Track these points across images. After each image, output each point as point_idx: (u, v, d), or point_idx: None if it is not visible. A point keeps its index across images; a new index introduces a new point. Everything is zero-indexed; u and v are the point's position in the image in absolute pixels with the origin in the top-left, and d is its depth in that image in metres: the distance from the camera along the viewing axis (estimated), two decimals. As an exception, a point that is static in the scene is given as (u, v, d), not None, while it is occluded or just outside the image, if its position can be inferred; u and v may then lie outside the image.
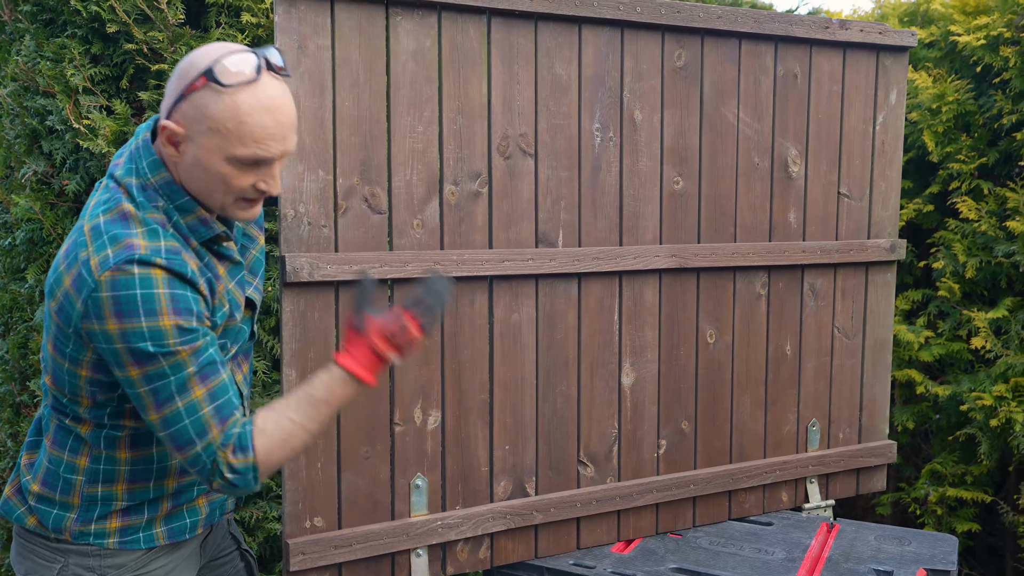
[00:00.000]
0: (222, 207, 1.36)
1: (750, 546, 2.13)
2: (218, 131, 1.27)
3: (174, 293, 1.28)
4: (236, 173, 1.31)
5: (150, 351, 1.26)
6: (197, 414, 1.31)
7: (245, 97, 1.26)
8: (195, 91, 1.27)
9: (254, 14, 2.70)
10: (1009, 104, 3.10)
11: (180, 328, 1.28)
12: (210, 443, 1.32)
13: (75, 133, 2.61)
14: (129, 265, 1.26)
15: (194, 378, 1.31)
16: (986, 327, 3.12)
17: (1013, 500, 3.17)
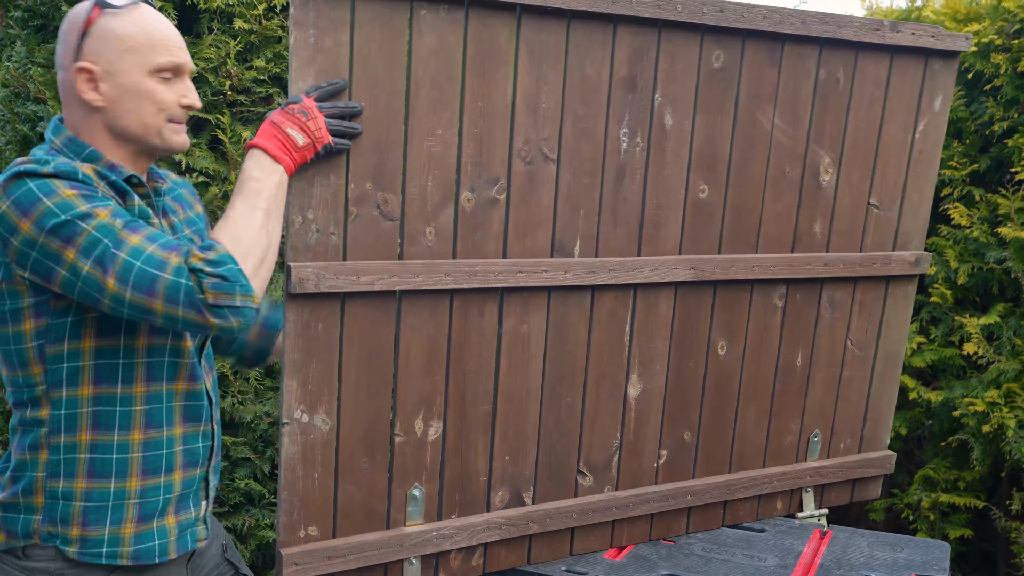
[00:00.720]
0: (158, 132, 1.41)
1: (742, 552, 2.13)
2: (131, 48, 1.35)
3: (68, 182, 1.30)
4: (160, 87, 1.38)
5: (66, 219, 1.26)
6: (145, 253, 1.28)
7: (140, 13, 1.38)
8: (93, 23, 1.35)
9: (246, 20, 2.70)
10: (1000, 111, 3.11)
11: (84, 195, 1.29)
12: (176, 265, 1.28)
13: (66, 139, 2.60)
14: (17, 177, 1.28)
15: (124, 231, 1.29)
16: (978, 333, 3.13)
17: (1006, 506, 3.17)
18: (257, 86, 2.79)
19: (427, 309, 1.71)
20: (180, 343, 1.49)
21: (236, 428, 2.84)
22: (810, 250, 2.17)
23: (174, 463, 1.50)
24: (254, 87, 2.78)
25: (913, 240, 2.34)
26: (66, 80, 1.40)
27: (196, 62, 2.62)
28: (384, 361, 1.70)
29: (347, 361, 1.65)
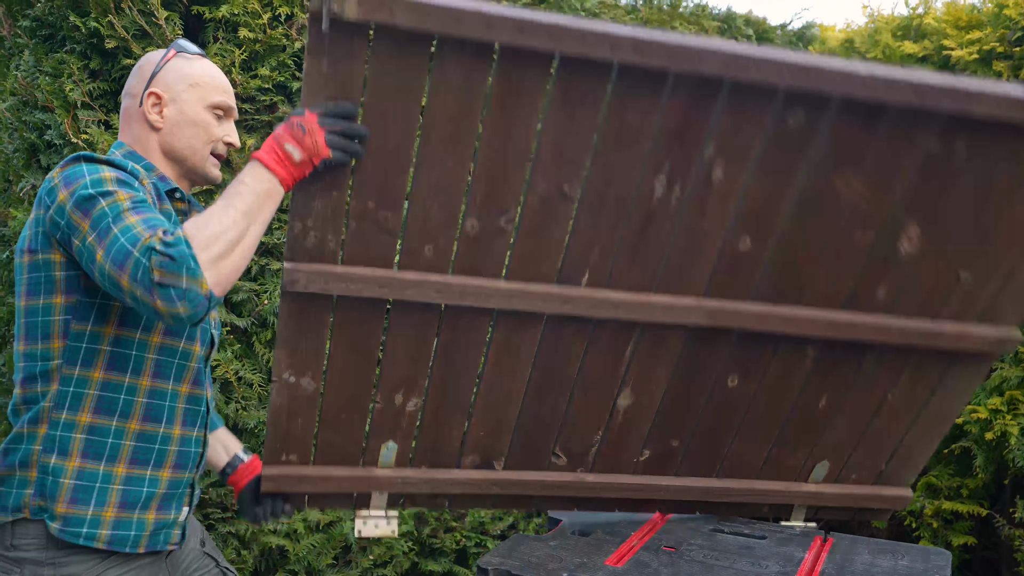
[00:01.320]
0: (202, 160, 1.61)
1: (744, 560, 2.13)
2: (198, 84, 1.59)
3: (114, 169, 1.44)
4: (213, 121, 1.61)
5: (91, 193, 1.38)
6: (131, 231, 1.34)
7: (205, 63, 1.64)
8: (169, 61, 1.60)
9: (251, 29, 2.73)
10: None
11: (118, 180, 1.42)
12: (146, 244, 1.32)
13: (73, 148, 2.63)
14: (77, 161, 1.44)
15: (128, 211, 1.37)
16: (980, 340, 3.13)
17: (1009, 513, 3.17)
18: (262, 94, 2.81)
19: (416, 315, 1.72)
20: (191, 347, 1.58)
21: (239, 434, 2.85)
22: (865, 311, 1.84)
23: (164, 460, 1.56)
24: (259, 95, 2.81)
25: (1006, 314, 1.90)
26: (131, 106, 1.61)
27: (201, 71, 2.64)
28: (371, 349, 1.72)
29: (335, 343, 1.68)
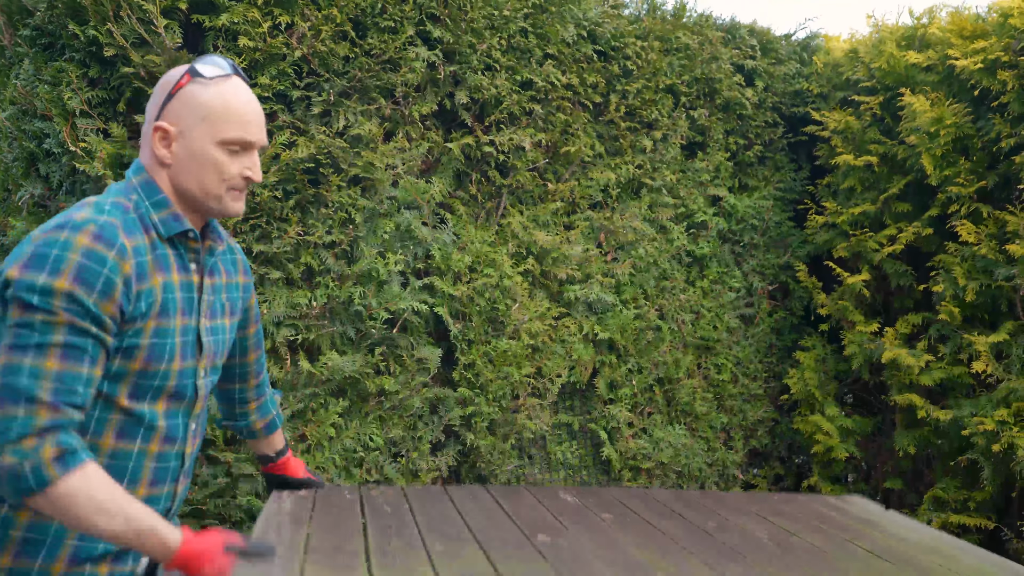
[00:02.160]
0: (217, 198, 1.46)
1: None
2: (207, 118, 1.42)
3: (85, 264, 1.29)
4: (226, 159, 1.44)
5: (33, 303, 1.26)
6: (36, 380, 1.25)
7: (226, 87, 1.44)
8: (181, 88, 1.43)
9: (251, 38, 2.72)
10: (1008, 127, 3.10)
11: (72, 296, 1.27)
12: (31, 416, 1.24)
13: (72, 156, 2.62)
14: (59, 230, 1.31)
15: (55, 349, 1.27)
16: (987, 351, 3.10)
17: (1017, 527, 3.13)
18: (262, 103, 2.80)
19: None
20: (156, 407, 1.46)
21: (238, 445, 2.83)
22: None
23: None
24: (261, 104, 2.79)
25: None
26: (146, 131, 1.48)
27: (201, 79, 2.63)
28: None
29: None
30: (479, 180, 3.33)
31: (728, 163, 3.96)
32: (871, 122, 3.71)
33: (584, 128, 3.53)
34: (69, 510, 1.27)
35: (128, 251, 1.35)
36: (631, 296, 3.68)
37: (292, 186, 2.88)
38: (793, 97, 4.11)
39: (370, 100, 3.02)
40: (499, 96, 3.23)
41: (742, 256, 4.05)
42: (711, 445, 3.92)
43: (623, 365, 3.66)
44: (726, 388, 3.96)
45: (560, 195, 3.48)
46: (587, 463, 3.63)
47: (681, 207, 3.83)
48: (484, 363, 3.29)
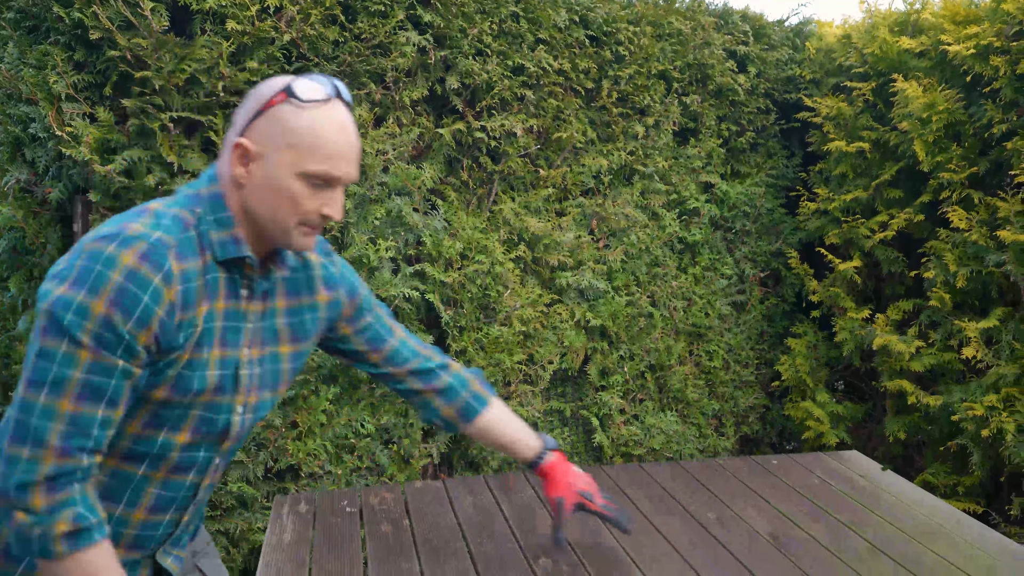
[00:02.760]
0: (285, 231, 1.32)
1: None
2: (294, 146, 1.28)
3: (126, 287, 1.20)
4: (305, 192, 1.30)
5: (63, 324, 1.18)
6: (47, 422, 1.19)
7: (322, 114, 1.29)
8: (273, 106, 1.29)
9: (239, 21, 2.69)
10: (1000, 113, 3.09)
11: (107, 322, 1.19)
12: (36, 461, 1.19)
13: (58, 141, 2.59)
14: (107, 241, 1.21)
15: (73, 387, 1.20)
16: (977, 337, 3.10)
17: (1005, 511, 3.14)
18: (250, 87, 2.77)
19: None
20: (175, 437, 1.36)
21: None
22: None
23: (117, 542, 1.38)
24: (247, 88, 2.76)
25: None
26: (229, 140, 1.35)
27: (188, 63, 2.60)
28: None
29: None
30: (470, 166, 3.32)
31: (720, 150, 3.95)
32: (863, 108, 3.70)
33: (576, 114, 3.51)
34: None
35: (175, 277, 1.24)
36: (623, 283, 3.67)
37: (282, 172, 2.86)
38: (786, 83, 4.10)
39: (360, 85, 3.00)
40: (490, 81, 3.21)
41: (734, 243, 4.04)
42: (702, 431, 3.93)
43: (615, 352, 3.66)
44: (717, 375, 3.96)
45: (552, 181, 3.47)
46: (579, 449, 3.63)
47: (673, 194, 3.82)
48: (476, 350, 3.28)
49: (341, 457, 3.08)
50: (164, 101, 2.64)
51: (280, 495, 2.40)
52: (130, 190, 2.65)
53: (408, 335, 1.75)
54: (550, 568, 1.96)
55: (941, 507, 2.46)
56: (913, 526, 2.30)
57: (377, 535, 2.13)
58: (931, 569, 2.03)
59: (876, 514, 2.37)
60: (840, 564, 2.04)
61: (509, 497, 2.41)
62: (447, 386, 1.75)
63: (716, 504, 2.41)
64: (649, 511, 2.34)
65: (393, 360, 1.71)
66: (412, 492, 2.44)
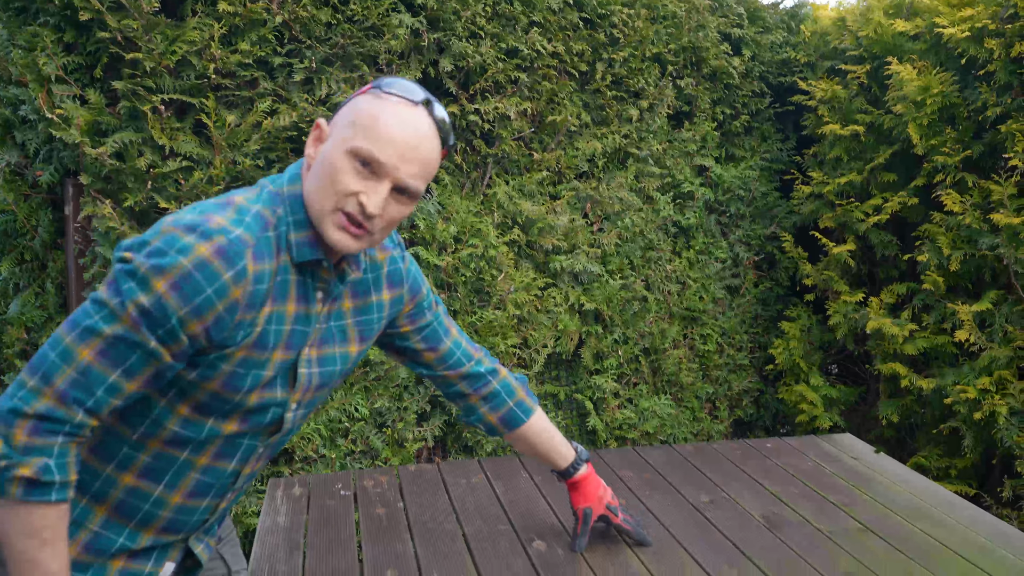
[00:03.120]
0: (321, 215, 1.26)
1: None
2: (353, 123, 1.25)
3: (192, 274, 1.18)
4: (347, 169, 1.24)
5: (120, 287, 1.18)
6: (63, 362, 1.18)
7: (395, 107, 1.26)
8: (360, 95, 1.29)
9: (231, 3, 2.66)
10: (994, 96, 3.09)
11: (159, 301, 1.17)
12: (35, 393, 1.18)
13: (48, 123, 2.57)
14: (187, 231, 1.19)
15: (100, 342, 1.19)
16: (970, 320, 3.11)
17: (997, 493, 3.16)
18: (242, 69, 2.75)
19: None
20: (223, 426, 1.35)
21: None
22: None
23: (151, 522, 1.37)
24: (239, 71, 2.75)
25: None
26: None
27: (179, 45, 2.58)
28: None
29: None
30: (464, 149, 3.30)
31: (715, 133, 3.94)
32: (858, 91, 3.69)
33: (570, 97, 3.49)
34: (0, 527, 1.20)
35: (248, 276, 1.22)
36: (617, 266, 3.66)
37: (274, 155, 2.84)
38: (780, 66, 4.09)
39: (353, 67, 2.98)
40: (484, 64, 3.20)
41: (728, 227, 4.04)
42: (696, 415, 3.94)
43: (609, 335, 3.66)
44: (711, 358, 3.97)
45: (546, 165, 3.46)
46: (573, 433, 3.63)
47: (667, 177, 3.81)
48: (470, 333, 3.28)
49: (335, 441, 3.08)
50: (155, 83, 2.62)
51: (274, 478, 2.40)
52: (121, 173, 2.63)
53: (460, 334, 1.76)
54: (544, 550, 1.97)
55: (933, 489, 2.47)
56: (905, 507, 2.31)
57: (371, 518, 2.14)
58: (923, 549, 2.05)
59: (869, 496, 2.38)
60: (832, 545, 2.05)
61: (503, 480, 2.42)
62: (494, 392, 1.79)
63: (710, 487, 2.41)
64: (643, 494, 2.35)
65: (446, 361, 1.72)
66: (406, 475, 2.44)
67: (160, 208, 2.70)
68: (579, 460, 1.93)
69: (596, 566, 1.89)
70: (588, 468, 1.95)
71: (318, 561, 1.90)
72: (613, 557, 1.94)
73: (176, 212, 1.25)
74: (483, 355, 1.79)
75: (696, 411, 3.94)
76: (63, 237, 2.87)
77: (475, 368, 1.76)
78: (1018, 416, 2.96)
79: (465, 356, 1.74)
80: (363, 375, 3.12)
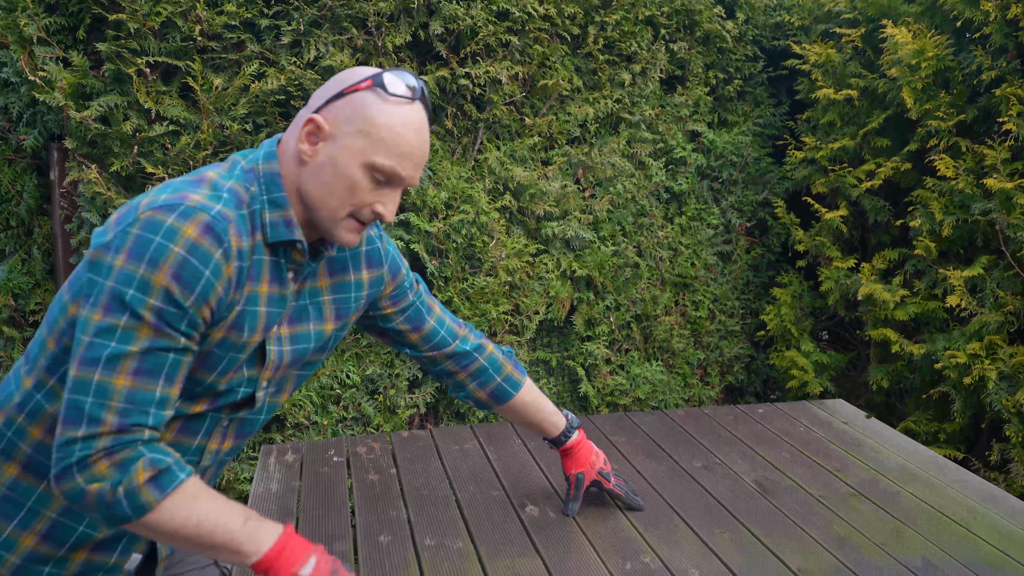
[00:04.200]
0: (333, 220, 1.28)
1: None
2: (369, 134, 1.25)
3: (187, 259, 1.16)
4: (365, 184, 1.26)
5: (123, 301, 1.13)
6: (103, 400, 1.14)
7: (404, 111, 1.26)
8: (357, 91, 1.26)
9: (216, -38, 2.61)
10: (989, 59, 3.06)
11: (168, 295, 1.15)
12: (94, 438, 1.13)
13: (31, 86, 2.52)
14: (168, 211, 1.16)
15: (129, 361, 1.15)
16: (961, 285, 3.11)
17: (985, 457, 3.19)
18: (228, 31, 2.70)
19: None
20: (190, 408, 1.33)
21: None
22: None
23: None
24: (225, 32, 2.69)
25: None
26: (301, 116, 1.31)
27: (163, 6, 2.53)
28: None
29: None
30: (455, 114, 3.26)
31: (707, 98, 3.91)
32: (852, 55, 3.66)
33: (562, 61, 3.45)
34: (155, 531, 1.19)
35: (233, 253, 1.21)
36: (609, 233, 3.65)
37: (262, 119, 2.80)
38: (774, 30, 4.04)
39: (341, 30, 2.93)
40: (475, 27, 3.15)
41: (720, 193, 4.02)
42: (687, 381, 3.95)
43: (601, 302, 3.65)
44: (703, 325, 3.97)
45: (537, 130, 3.42)
46: (564, 399, 3.64)
47: (660, 143, 3.79)
48: (461, 300, 3.27)
49: (327, 408, 3.07)
50: (140, 45, 2.57)
51: (267, 445, 2.39)
52: (107, 137, 2.59)
53: (444, 311, 1.76)
54: (537, 515, 1.97)
55: (924, 453, 2.49)
56: (896, 471, 2.32)
57: (364, 484, 2.13)
58: (913, 512, 2.06)
59: (860, 460, 2.40)
60: (824, 508, 2.06)
61: (496, 446, 2.42)
62: (481, 369, 1.80)
63: (702, 452, 2.42)
64: (635, 459, 2.35)
65: (431, 340, 1.72)
66: (399, 441, 2.44)
67: (147, 173, 2.66)
68: (570, 427, 1.94)
69: (589, 531, 1.90)
70: (579, 435, 1.96)
71: (311, 527, 1.90)
72: (605, 522, 1.95)
73: (147, 193, 1.22)
74: (468, 331, 1.79)
75: (687, 377, 3.95)
76: (49, 202, 2.83)
77: (460, 347, 1.76)
78: (1007, 380, 2.97)
79: (450, 334, 1.74)
80: (354, 342, 3.11)
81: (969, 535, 1.95)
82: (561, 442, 1.94)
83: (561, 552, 1.80)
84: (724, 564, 1.77)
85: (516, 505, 2.02)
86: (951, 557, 1.84)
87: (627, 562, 1.76)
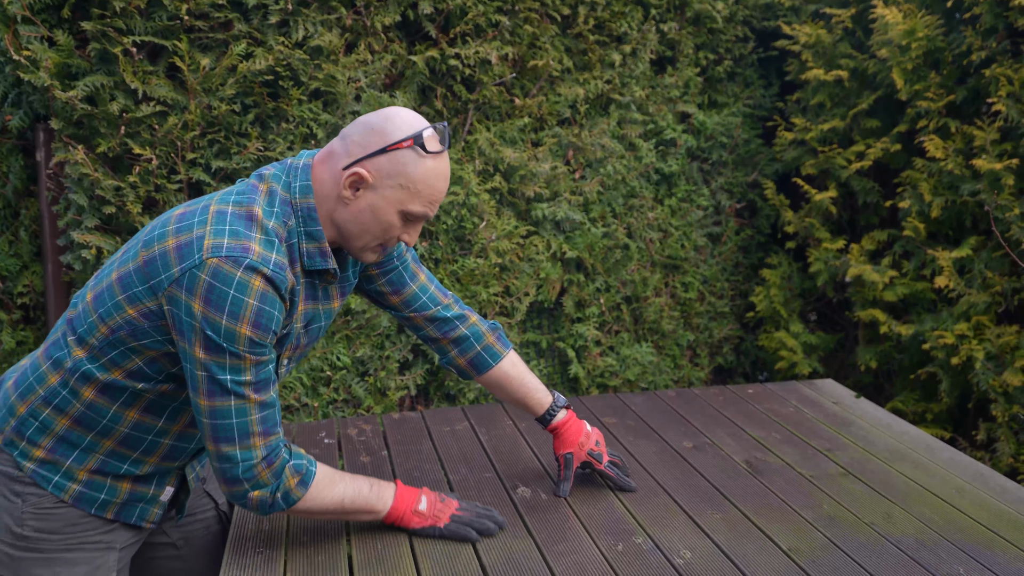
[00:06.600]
0: (363, 248, 1.53)
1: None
2: (407, 188, 1.46)
3: (261, 308, 1.39)
4: (398, 225, 1.50)
5: (219, 343, 1.37)
6: (245, 418, 1.43)
7: (435, 164, 1.47)
8: (399, 150, 1.45)
9: (203, -60, 2.57)
10: (979, 40, 3.06)
11: (252, 340, 1.39)
12: (250, 449, 1.44)
13: (16, 66, 2.49)
14: (235, 265, 1.36)
15: (248, 387, 1.42)
16: (950, 266, 3.13)
17: (972, 436, 3.22)
18: (215, 10, 2.67)
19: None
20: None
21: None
22: None
23: (154, 451, 1.58)
24: (212, 11, 2.66)
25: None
26: (340, 153, 1.48)
27: (150, -16, 2.49)
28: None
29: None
30: (444, 95, 3.24)
31: (698, 79, 3.89)
32: (842, 36, 3.66)
33: (552, 41, 3.43)
34: (304, 513, 1.58)
35: (287, 292, 1.44)
36: (599, 214, 3.64)
37: (251, 100, 2.77)
38: (764, 10, 4.03)
39: (330, 9, 2.90)
40: (464, 6, 3.12)
41: (710, 174, 4.02)
42: (677, 362, 3.96)
43: (591, 284, 3.66)
44: (693, 306, 3.98)
45: (527, 111, 3.41)
46: (555, 381, 3.65)
47: (650, 124, 3.77)
48: (451, 282, 3.26)
49: (317, 390, 3.07)
50: (126, 24, 2.54)
51: (257, 427, 2.38)
52: (93, 117, 2.56)
53: (430, 280, 1.86)
54: (528, 496, 1.98)
55: (913, 432, 2.51)
56: (886, 451, 2.34)
57: (356, 466, 2.13)
58: (902, 491, 2.08)
59: (849, 440, 2.41)
60: (813, 487, 2.08)
61: (487, 427, 2.42)
62: (462, 336, 1.87)
63: (692, 432, 2.43)
64: (626, 439, 2.36)
65: (411, 304, 1.83)
66: (390, 423, 2.44)
67: (134, 153, 2.63)
68: (555, 406, 1.95)
69: (580, 511, 1.91)
70: (567, 414, 1.97)
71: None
72: (597, 503, 1.96)
73: (193, 215, 1.41)
74: (452, 301, 1.87)
75: (677, 358, 3.96)
76: (36, 184, 2.80)
77: (442, 312, 1.85)
78: (994, 360, 2.99)
79: (431, 300, 1.84)
80: (344, 324, 3.10)
81: (958, 513, 1.97)
82: (547, 421, 1.96)
83: (553, 533, 1.80)
84: (715, 543, 1.78)
85: (508, 487, 2.03)
86: (940, 535, 1.86)
87: (619, 542, 1.77)
